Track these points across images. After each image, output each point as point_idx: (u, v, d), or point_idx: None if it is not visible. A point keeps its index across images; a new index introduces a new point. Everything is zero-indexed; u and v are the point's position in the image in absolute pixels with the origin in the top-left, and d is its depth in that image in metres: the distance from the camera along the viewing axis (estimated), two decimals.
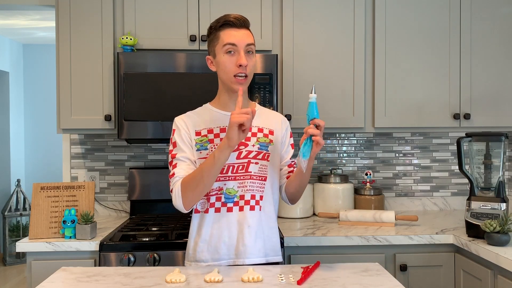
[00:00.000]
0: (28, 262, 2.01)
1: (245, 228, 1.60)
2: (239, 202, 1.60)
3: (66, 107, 2.33)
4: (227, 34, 1.56)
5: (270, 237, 1.65)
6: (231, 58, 1.56)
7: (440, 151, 2.83)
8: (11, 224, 5.14)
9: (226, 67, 1.57)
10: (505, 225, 1.86)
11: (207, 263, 1.61)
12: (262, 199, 1.63)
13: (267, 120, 1.71)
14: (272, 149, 1.66)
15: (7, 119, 5.53)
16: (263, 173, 1.63)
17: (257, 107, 1.74)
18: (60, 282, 1.43)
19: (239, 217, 1.60)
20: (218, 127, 1.64)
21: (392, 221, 2.26)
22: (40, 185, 2.06)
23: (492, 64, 2.47)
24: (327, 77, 2.42)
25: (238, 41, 1.55)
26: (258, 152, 1.63)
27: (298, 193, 1.70)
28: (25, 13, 4.39)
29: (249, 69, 1.57)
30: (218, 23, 1.59)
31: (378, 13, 2.43)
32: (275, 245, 1.67)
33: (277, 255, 1.67)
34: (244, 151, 1.62)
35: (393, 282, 1.40)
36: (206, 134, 1.63)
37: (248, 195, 1.61)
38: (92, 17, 2.33)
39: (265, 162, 1.64)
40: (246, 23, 1.59)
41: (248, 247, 1.60)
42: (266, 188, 1.64)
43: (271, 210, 1.67)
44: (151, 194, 2.55)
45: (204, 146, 1.61)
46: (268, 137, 1.66)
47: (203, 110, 1.70)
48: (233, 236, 1.60)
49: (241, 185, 1.60)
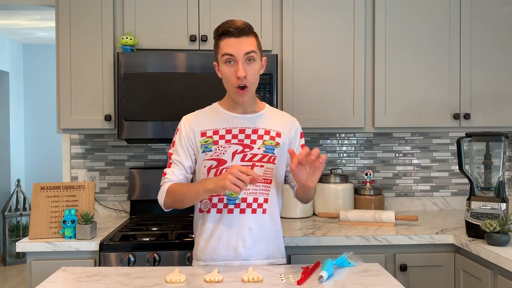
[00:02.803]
0: (28, 262, 2.01)
1: (245, 231, 1.60)
2: (240, 205, 1.61)
3: (66, 107, 2.33)
4: (225, 44, 1.55)
5: (274, 239, 1.66)
6: (230, 69, 1.56)
7: (440, 151, 2.83)
8: (11, 224, 5.15)
9: (227, 77, 1.58)
10: (505, 225, 1.86)
11: (206, 262, 1.62)
12: (268, 202, 1.63)
13: (275, 122, 1.69)
14: (279, 152, 1.66)
15: (7, 119, 5.53)
16: (268, 176, 1.63)
17: (266, 107, 1.73)
18: (60, 282, 1.43)
19: (240, 219, 1.60)
20: (224, 128, 1.64)
21: (392, 221, 2.26)
22: (40, 185, 2.06)
23: (492, 64, 2.47)
24: (327, 77, 2.42)
25: (235, 52, 1.53)
26: (263, 155, 1.63)
27: (307, 198, 1.72)
28: (25, 13, 4.39)
29: (249, 78, 1.56)
30: (218, 31, 1.58)
31: (378, 13, 2.43)
32: (280, 247, 1.68)
33: (281, 258, 1.68)
34: (249, 154, 1.62)
35: (393, 282, 1.40)
36: (211, 135, 1.63)
37: (250, 198, 1.61)
38: (92, 17, 2.33)
39: (270, 165, 1.64)
40: (246, 30, 1.55)
41: (248, 250, 1.60)
42: (271, 191, 1.64)
43: (276, 212, 1.68)
44: (151, 194, 2.55)
45: (209, 148, 1.62)
46: (275, 140, 1.65)
47: (211, 110, 1.70)
48: (232, 237, 1.60)
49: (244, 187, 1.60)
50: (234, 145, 1.62)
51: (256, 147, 1.62)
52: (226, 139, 1.62)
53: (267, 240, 1.63)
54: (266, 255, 1.63)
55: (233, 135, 1.63)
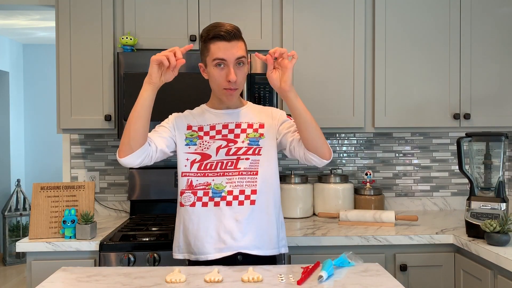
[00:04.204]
0: (28, 262, 2.01)
1: (233, 222, 1.60)
2: (226, 197, 1.62)
3: (66, 107, 2.33)
4: (217, 48, 1.56)
5: (267, 230, 1.65)
6: (221, 72, 1.59)
7: (440, 151, 2.83)
8: (11, 224, 5.14)
9: (216, 80, 1.61)
10: (505, 225, 1.86)
11: (195, 256, 1.62)
12: (256, 193, 1.63)
13: (257, 114, 1.73)
14: (264, 142, 1.67)
15: (7, 119, 5.53)
16: (254, 168, 1.64)
17: (249, 104, 1.78)
18: (60, 282, 1.43)
19: (226, 212, 1.61)
20: (208, 125, 1.69)
21: (392, 221, 2.26)
22: (40, 185, 2.06)
23: (492, 64, 2.47)
24: (327, 77, 2.42)
25: (227, 56, 1.56)
26: (248, 148, 1.65)
27: (313, 138, 1.56)
28: (25, 13, 4.39)
29: (239, 81, 1.61)
30: (208, 34, 1.59)
31: (378, 13, 2.43)
32: (272, 238, 1.66)
33: (273, 248, 1.66)
34: (233, 148, 1.65)
35: (393, 282, 1.40)
36: (196, 130, 1.69)
37: (236, 190, 1.62)
38: (92, 17, 2.33)
39: (256, 157, 1.65)
40: (237, 35, 1.58)
41: (237, 241, 1.60)
42: (259, 182, 1.64)
43: (269, 202, 1.66)
44: (151, 194, 2.55)
45: (194, 141, 1.67)
46: (258, 131, 1.68)
47: (198, 110, 1.77)
48: (220, 230, 1.60)
49: (229, 180, 1.62)
50: (219, 140, 1.66)
51: (240, 140, 1.66)
52: (210, 135, 1.67)
53: (258, 231, 1.62)
54: (257, 246, 1.61)
55: (217, 131, 1.68)
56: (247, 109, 1.74)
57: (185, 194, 1.64)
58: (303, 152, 1.60)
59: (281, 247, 1.70)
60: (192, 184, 1.64)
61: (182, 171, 1.66)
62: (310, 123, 1.56)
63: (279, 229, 1.69)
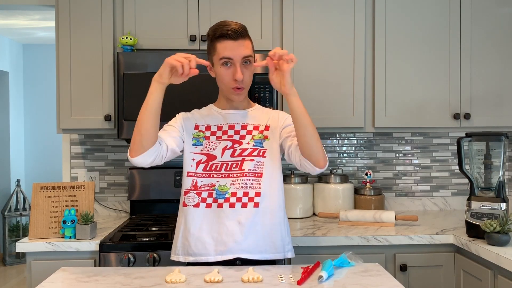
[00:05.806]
0: (28, 262, 2.01)
1: (235, 225, 1.59)
2: (230, 199, 1.60)
3: (66, 107, 2.32)
4: (223, 47, 1.57)
5: (270, 234, 1.63)
6: (227, 71, 1.59)
7: (440, 151, 2.83)
8: (11, 224, 5.14)
9: (223, 79, 1.61)
10: (505, 225, 1.86)
11: (194, 257, 1.61)
12: (260, 196, 1.62)
13: (264, 117, 1.73)
14: (269, 145, 1.67)
15: (7, 119, 5.53)
16: (258, 169, 1.63)
17: (257, 106, 1.78)
18: (60, 282, 1.43)
19: (229, 214, 1.60)
20: (216, 125, 1.69)
21: (392, 221, 2.26)
22: (40, 185, 2.06)
23: (492, 64, 2.47)
24: (327, 77, 2.42)
25: (234, 55, 1.56)
26: (253, 149, 1.65)
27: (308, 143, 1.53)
28: (25, 13, 4.39)
29: (246, 80, 1.61)
30: (215, 33, 1.59)
31: (378, 13, 2.43)
32: (275, 242, 1.63)
33: (277, 253, 1.64)
34: (238, 149, 1.65)
35: (393, 282, 1.40)
36: (203, 130, 1.68)
37: (240, 192, 1.61)
38: (92, 17, 2.33)
39: (261, 158, 1.64)
40: (243, 33, 1.58)
41: (238, 244, 1.58)
42: (263, 184, 1.63)
43: (274, 206, 1.64)
44: (151, 194, 2.55)
45: (200, 141, 1.67)
46: (263, 133, 1.68)
47: (206, 109, 1.77)
48: (222, 232, 1.59)
49: (233, 182, 1.62)
50: (224, 141, 1.66)
51: (246, 142, 1.66)
52: (217, 135, 1.67)
53: (260, 234, 1.61)
54: (258, 250, 1.60)
55: (223, 131, 1.67)
56: (255, 111, 1.74)
57: (189, 194, 1.63)
58: (299, 157, 1.59)
59: (287, 252, 1.67)
60: (197, 184, 1.64)
61: (188, 171, 1.65)
62: (308, 127, 1.53)
63: (283, 233, 1.67)
